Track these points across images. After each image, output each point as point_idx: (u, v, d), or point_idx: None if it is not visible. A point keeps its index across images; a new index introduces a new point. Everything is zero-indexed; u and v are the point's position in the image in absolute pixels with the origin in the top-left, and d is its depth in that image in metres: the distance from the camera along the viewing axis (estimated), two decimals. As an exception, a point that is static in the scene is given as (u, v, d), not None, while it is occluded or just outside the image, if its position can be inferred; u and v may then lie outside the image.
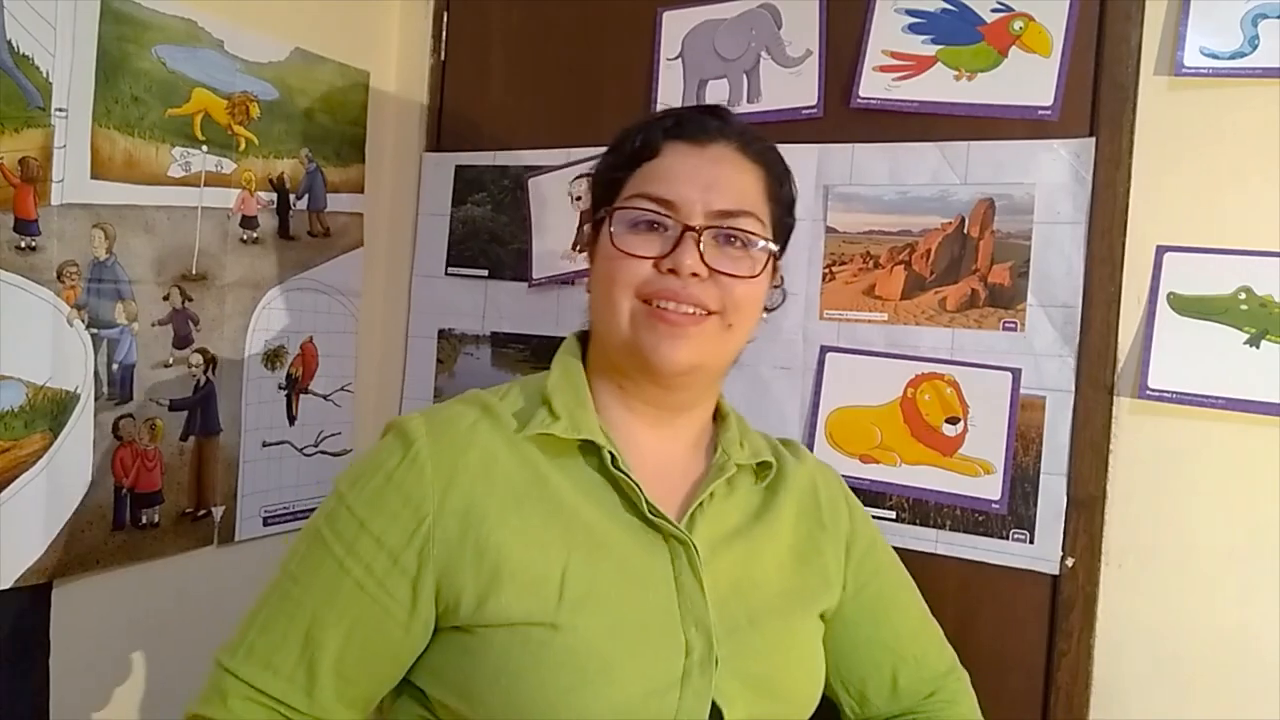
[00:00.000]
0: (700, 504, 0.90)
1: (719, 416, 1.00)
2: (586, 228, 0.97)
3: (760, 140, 0.94)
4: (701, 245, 0.86)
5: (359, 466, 0.87)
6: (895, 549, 1.33)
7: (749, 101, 1.44)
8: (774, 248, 0.91)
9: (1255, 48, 1.17)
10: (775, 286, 0.97)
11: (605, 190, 0.93)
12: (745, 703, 0.85)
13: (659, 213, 0.87)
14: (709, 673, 0.83)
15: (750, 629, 0.89)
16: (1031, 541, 1.26)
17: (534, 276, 1.57)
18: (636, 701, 0.80)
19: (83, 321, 1.18)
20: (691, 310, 0.86)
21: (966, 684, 1.10)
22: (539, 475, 0.86)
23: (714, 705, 0.83)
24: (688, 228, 0.85)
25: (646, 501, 0.86)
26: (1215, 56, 1.19)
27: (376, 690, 0.86)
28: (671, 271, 0.85)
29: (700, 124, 0.91)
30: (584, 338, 0.98)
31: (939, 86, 1.32)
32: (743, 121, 0.94)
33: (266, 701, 0.82)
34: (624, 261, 0.86)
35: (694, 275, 0.85)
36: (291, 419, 1.50)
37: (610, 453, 0.87)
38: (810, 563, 0.98)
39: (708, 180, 0.87)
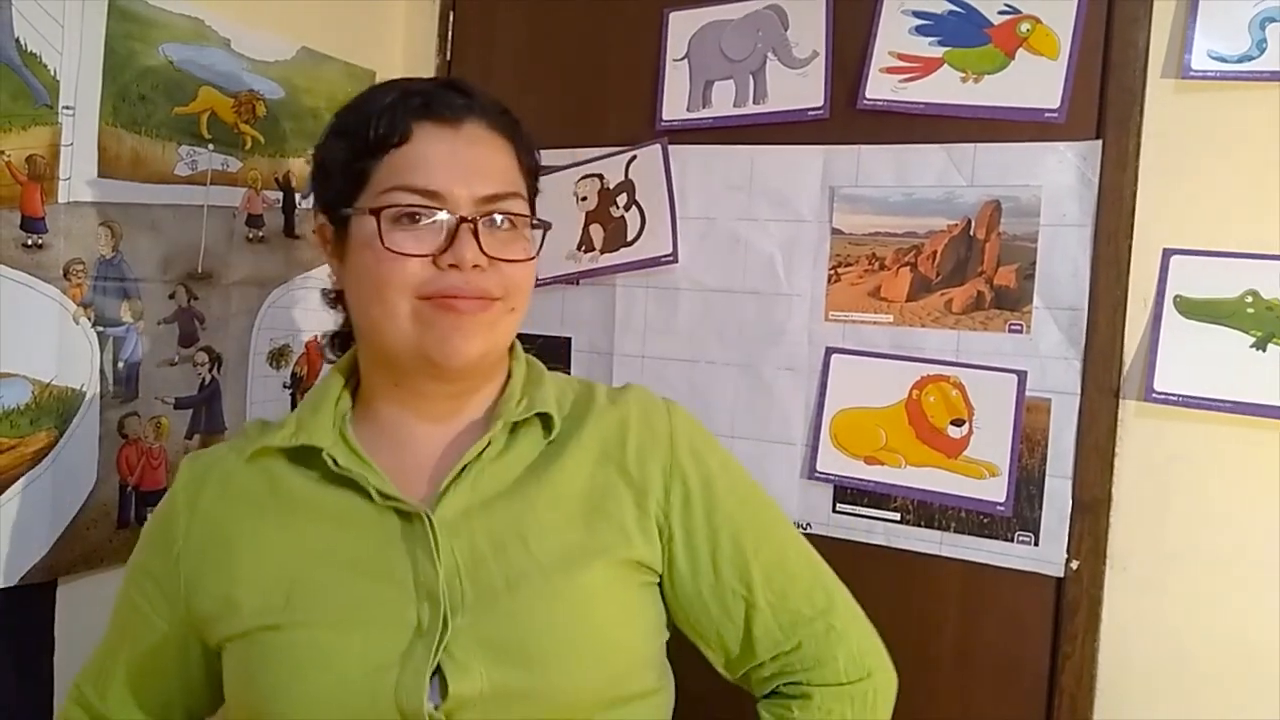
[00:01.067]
0: (461, 472, 0.86)
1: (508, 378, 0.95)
2: (321, 220, 0.90)
3: (505, 112, 0.90)
4: (477, 234, 0.82)
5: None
6: (899, 551, 1.33)
7: (755, 102, 1.44)
8: (541, 225, 0.89)
9: (1263, 51, 1.17)
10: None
11: (347, 182, 0.85)
12: (483, 672, 0.80)
13: (426, 205, 0.82)
14: (433, 645, 0.80)
15: (509, 592, 0.83)
16: (1036, 544, 1.26)
17: (538, 276, 1.57)
18: (353, 684, 0.80)
19: (89, 319, 1.18)
20: (477, 298, 0.83)
21: (844, 631, 0.94)
22: (277, 485, 0.89)
23: (444, 678, 0.79)
24: (462, 219, 0.82)
25: (374, 486, 0.85)
26: (1223, 60, 1.19)
27: (170, 701, 0.96)
28: (453, 266, 0.82)
29: (447, 102, 0.85)
30: (348, 345, 0.96)
31: (946, 88, 1.32)
32: (485, 93, 0.89)
33: (80, 698, 0.98)
34: (398, 262, 0.81)
35: (475, 267, 0.82)
36: (296, 418, 1.50)
37: (330, 455, 0.86)
38: (604, 512, 0.89)
39: (468, 165, 0.84)
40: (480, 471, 0.88)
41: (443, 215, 0.82)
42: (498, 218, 0.85)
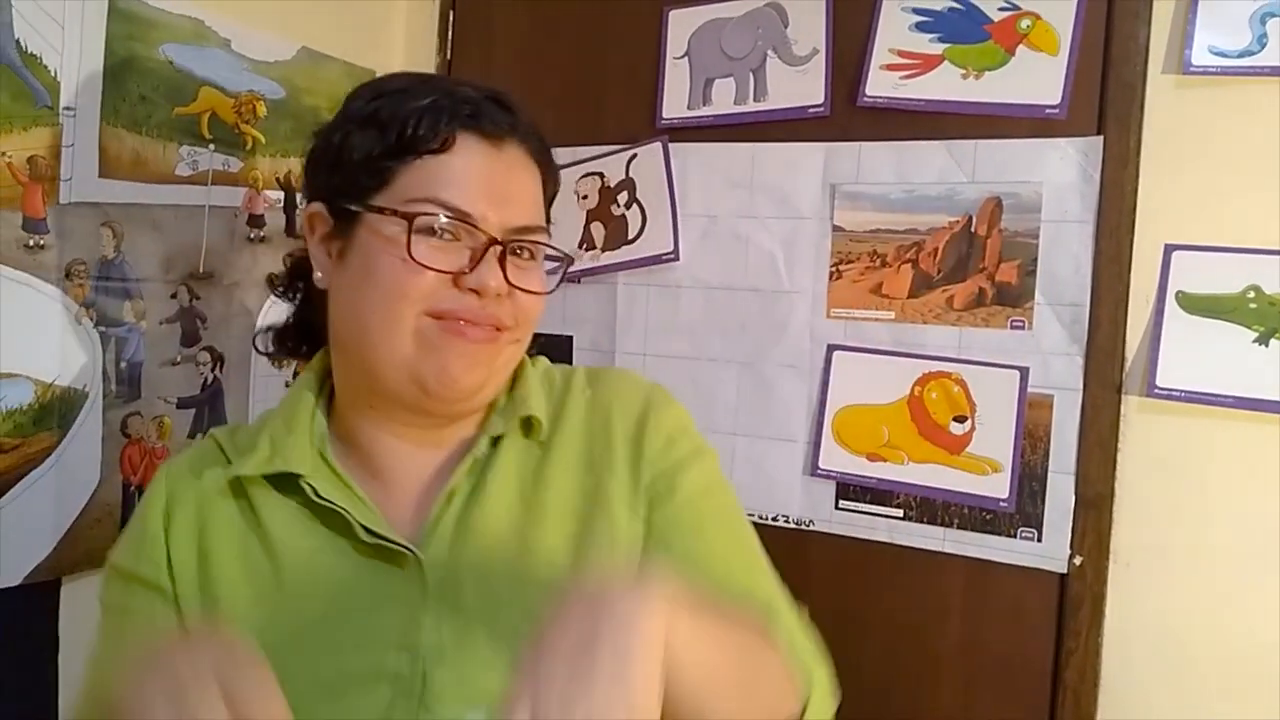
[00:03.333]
0: (450, 499, 0.80)
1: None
2: (316, 208, 0.81)
3: (540, 138, 0.85)
4: (504, 261, 0.78)
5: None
6: (902, 547, 1.34)
7: (755, 100, 1.44)
8: (564, 259, 0.85)
9: (1264, 46, 1.17)
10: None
11: (368, 176, 0.78)
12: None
13: (460, 224, 0.77)
14: (413, 705, 0.74)
15: (494, 640, 0.76)
16: (1039, 540, 1.26)
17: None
18: None
19: (91, 319, 1.18)
20: (488, 327, 0.78)
21: (782, 620, 0.81)
22: (254, 517, 0.81)
23: None
24: (493, 242, 0.77)
25: (360, 524, 0.77)
26: (1224, 55, 1.19)
27: None
28: (473, 291, 0.77)
29: (493, 117, 0.80)
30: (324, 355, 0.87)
31: (946, 85, 1.32)
32: (525, 113, 0.84)
33: None
34: (416, 274, 0.76)
35: (497, 295, 0.77)
36: (298, 418, 1.50)
37: (310, 484, 0.79)
38: (594, 534, 0.81)
39: (504, 191, 0.79)
40: (469, 497, 0.81)
41: (474, 236, 0.77)
42: (522, 249, 0.80)
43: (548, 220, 0.86)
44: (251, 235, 1.39)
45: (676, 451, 0.85)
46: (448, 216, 0.76)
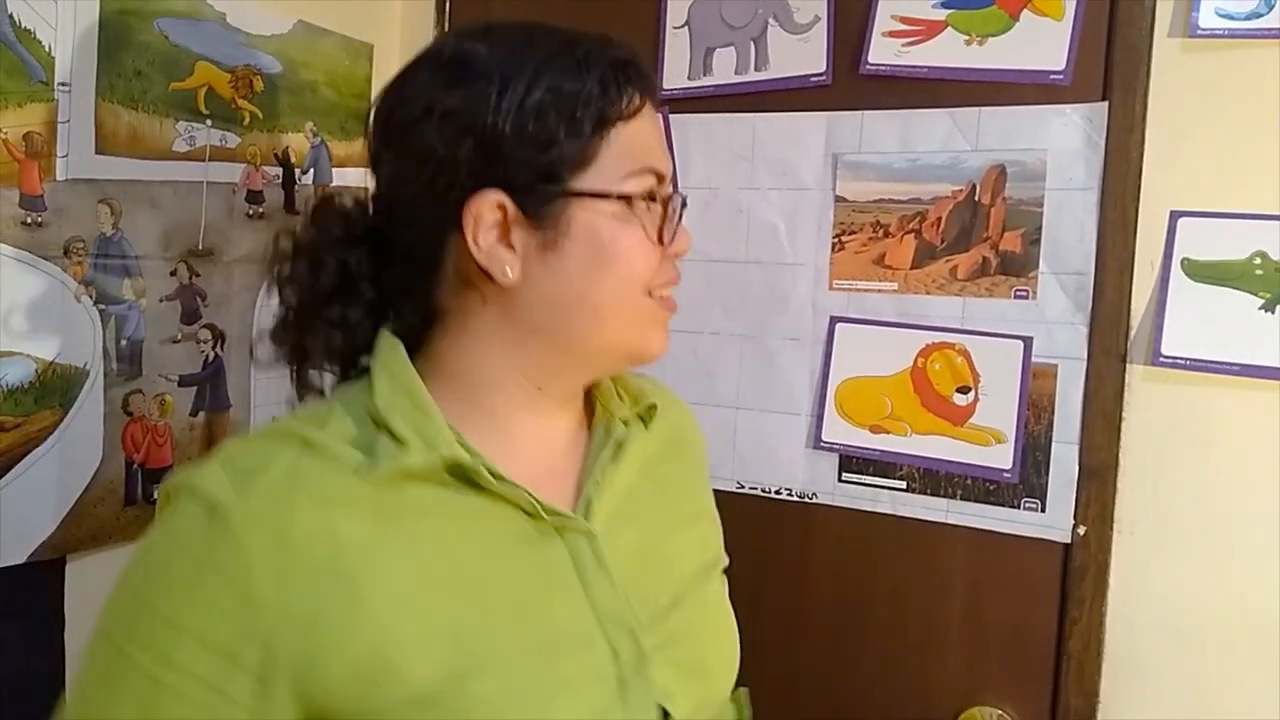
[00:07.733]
0: (594, 480, 0.77)
1: None
2: (497, 198, 0.70)
3: None
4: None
5: (154, 552, 0.68)
6: (905, 519, 1.34)
7: (756, 69, 1.43)
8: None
9: (1271, 8, 1.15)
10: None
11: (565, 155, 0.70)
12: (688, 694, 0.75)
13: (669, 192, 0.74)
14: (645, 673, 0.73)
15: (673, 608, 0.78)
16: (1043, 510, 1.26)
17: (541, 250, 1.56)
18: None
19: (90, 297, 1.18)
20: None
21: None
22: (396, 518, 0.68)
23: (659, 707, 0.74)
24: (685, 203, 0.75)
25: (540, 504, 0.72)
26: (1231, 17, 1.17)
27: None
28: (673, 254, 0.75)
29: (649, 73, 0.76)
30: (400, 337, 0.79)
31: (949, 51, 1.30)
32: None
33: None
34: (651, 251, 0.72)
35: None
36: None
37: (487, 469, 0.71)
38: (701, 513, 0.89)
39: (664, 146, 0.77)
40: (607, 478, 0.78)
41: (667, 200, 0.73)
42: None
43: None
44: (250, 212, 1.39)
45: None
46: (655, 182, 0.73)
